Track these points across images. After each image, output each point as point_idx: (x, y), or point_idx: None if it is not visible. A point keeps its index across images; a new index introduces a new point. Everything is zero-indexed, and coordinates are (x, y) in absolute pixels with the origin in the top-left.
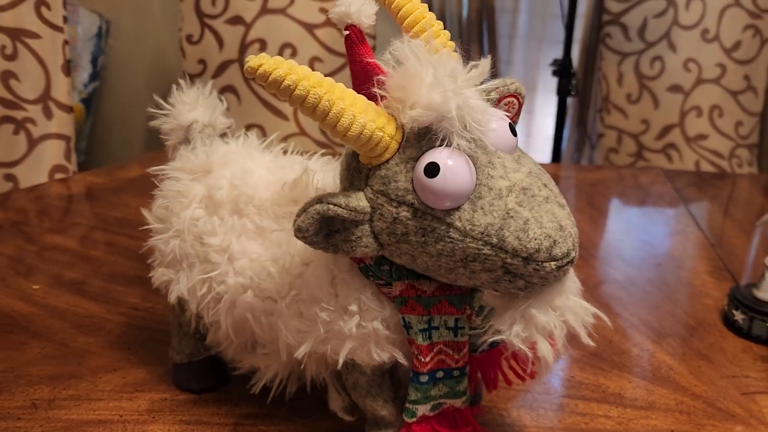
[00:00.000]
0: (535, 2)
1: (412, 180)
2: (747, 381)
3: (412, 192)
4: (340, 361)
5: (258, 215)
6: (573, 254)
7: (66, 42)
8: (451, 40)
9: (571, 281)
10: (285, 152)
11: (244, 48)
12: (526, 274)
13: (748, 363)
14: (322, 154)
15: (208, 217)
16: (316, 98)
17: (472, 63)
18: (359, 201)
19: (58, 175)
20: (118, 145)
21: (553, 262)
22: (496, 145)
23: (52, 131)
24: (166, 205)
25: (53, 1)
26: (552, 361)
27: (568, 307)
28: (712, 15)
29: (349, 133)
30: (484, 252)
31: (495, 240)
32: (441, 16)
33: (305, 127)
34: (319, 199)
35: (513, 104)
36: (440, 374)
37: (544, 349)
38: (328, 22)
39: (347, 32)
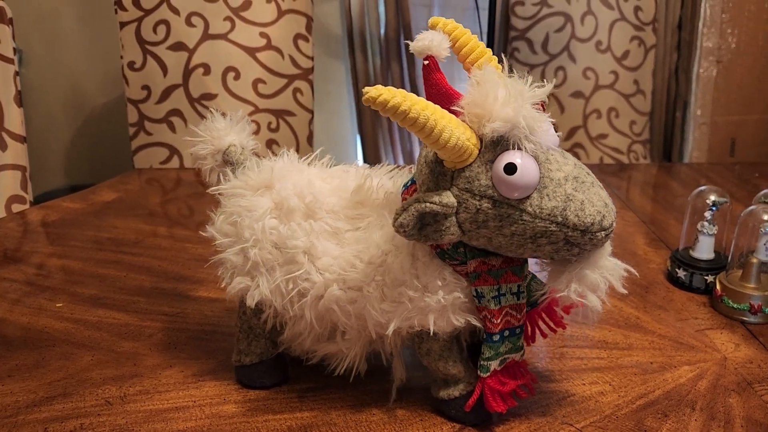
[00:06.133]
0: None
1: (491, 178)
2: (697, 322)
3: (492, 187)
4: (431, 330)
5: (331, 218)
6: (614, 224)
7: (17, 73)
8: (373, 56)
9: (608, 245)
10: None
11: (188, 73)
12: (582, 243)
13: (694, 309)
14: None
15: (286, 224)
16: (425, 119)
17: (535, 84)
18: (449, 198)
19: (15, 206)
20: (34, 174)
21: (603, 232)
22: (547, 144)
23: (7, 162)
24: (234, 220)
25: (2, 33)
26: (600, 309)
27: (607, 266)
28: (603, 29)
29: (448, 144)
30: (550, 229)
31: (560, 219)
32: (361, 35)
33: None
34: (417, 200)
35: (539, 109)
36: (506, 333)
37: (594, 300)
38: (269, 46)
39: (426, 62)
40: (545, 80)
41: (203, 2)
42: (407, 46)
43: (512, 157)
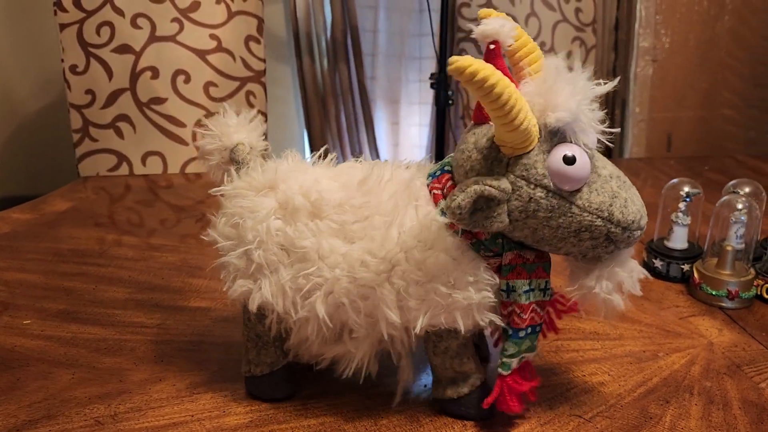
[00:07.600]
0: (392, 23)
1: (547, 167)
2: (678, 309)
3: (547, 177)
4: (462, 330)
5: (337, 214)
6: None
7: None
8: (320, 58)
9: (631, 248)
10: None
11: (135, 77)
12: (620, 239)
13: (674, 297)
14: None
15: (293, 225)
16: (507, 96)
17: (596, 81)
18: (506, 183)
19: None
20: None
21: (639, 231)
22: (589, 144)
23: None
24: (236, 222)
25: None
26: (623, 307)
27: (632, 266)
28: (546, 30)
29: (521, 126)
30: (596, 223)
31: (606, 214)
32: (308, 38)
33: None
34: (476, 182)
35: None
36: (529, 330)
37: (618, 299)
38: (220, 48)
39: (492, 47)
40: None
41: (149, 3)
42: (355, 47)
43: (570, 148)
